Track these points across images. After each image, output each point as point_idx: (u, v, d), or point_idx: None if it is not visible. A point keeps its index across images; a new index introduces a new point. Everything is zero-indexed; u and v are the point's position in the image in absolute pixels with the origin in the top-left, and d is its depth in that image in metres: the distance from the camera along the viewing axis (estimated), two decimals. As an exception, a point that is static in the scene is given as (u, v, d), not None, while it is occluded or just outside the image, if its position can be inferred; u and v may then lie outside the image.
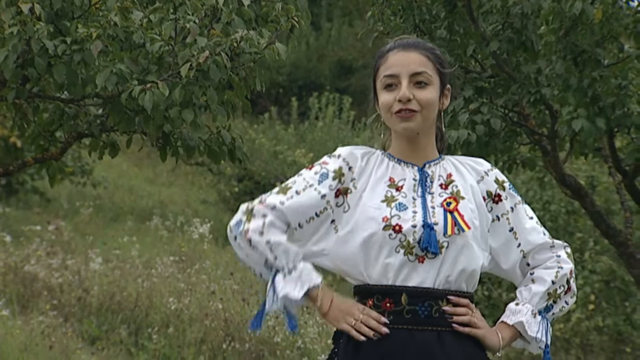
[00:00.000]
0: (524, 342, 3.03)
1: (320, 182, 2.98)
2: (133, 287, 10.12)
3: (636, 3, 6.39)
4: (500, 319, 3.02)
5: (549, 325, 3.01)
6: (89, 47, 4.60)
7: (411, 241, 2.85)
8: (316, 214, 2.98)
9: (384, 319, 2.85)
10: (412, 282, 2.86)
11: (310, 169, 3.04)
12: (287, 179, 3.16)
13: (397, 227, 2.86)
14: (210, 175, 20.29)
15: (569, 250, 3.06)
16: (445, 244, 2.86)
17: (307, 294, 2.93)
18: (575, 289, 3.02)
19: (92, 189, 16.63)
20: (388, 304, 2.87)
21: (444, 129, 3.10)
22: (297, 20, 5.12)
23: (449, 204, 2.90)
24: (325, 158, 3.06)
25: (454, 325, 2.88)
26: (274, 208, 3.00)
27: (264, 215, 3.00)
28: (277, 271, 2.98)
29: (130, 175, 20.53)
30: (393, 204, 2.90)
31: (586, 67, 6.07)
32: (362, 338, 2.84)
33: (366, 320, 2.87)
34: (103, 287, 9.99)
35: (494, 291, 12.98)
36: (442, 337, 2.86)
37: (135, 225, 15.29)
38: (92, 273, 10.45)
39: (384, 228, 2.86)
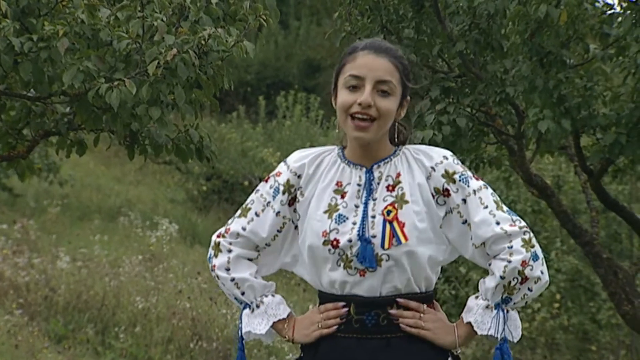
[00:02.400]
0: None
1: (274, 197, 3.06)
2: (100, 286, 10.08)
3: (602, 3, 6.44)
4: (461, 314, 3.01)
5: (507, 316, 2.92)
6: (55, 45, 4.58)
7: (349, 255, 2.89)
8: (278, 231, 3.08)
9: (340, 304, 2.92)
10: (359, 292, 2.91)
11: (267, 181, 3.11)
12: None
13: (334, 242, 2.90)
14: (178, 174, 20.24)
15: (527, 236, 2.90)
16: (384, 257, 2.87)
17: (274, 327, 3.07)
18: (537, 275, 2.86)
19: (59, 187, 16.54)
20: None
21: (405, 122, 3.08)
22: (265, 18, 5.12)
23: (389, 212, 2.89)
24: (279, 167, 3.12)
25: (401, 326, 2.90)
26: (238, 236, 3.09)
27: (229, 250, 3.09)
28: (245, 305, 3.10)
29: (97, 174, 20.44)
30: (334, 215, 2.93)
31: (552, 68, 6.11)
32: (334, 328, 2.93)
33: (327, 316, 2.94)
34: (70, 286, 9.94)
35: (461, 290, 13.04)
36: (391, 344, 2.90)
37: (102, 224, 15.22)
38: (59, 272, 10.40)
39: (324, 243, 2.92)
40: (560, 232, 12.20)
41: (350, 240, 2.88)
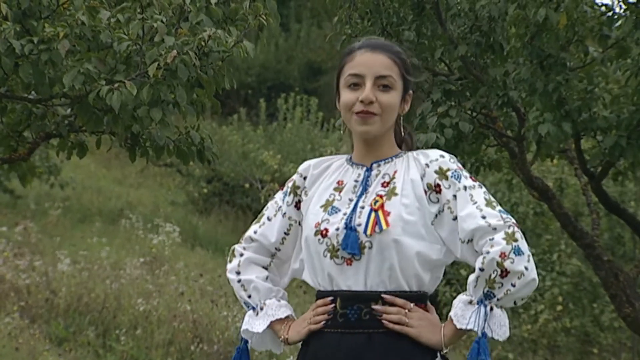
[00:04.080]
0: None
1: (283, 199, 3.15)
2: (101, 288, 10.07)
3: (601, 5, 6.44)
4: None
5: (490, 313, 2.83)
6: (56, 47, 4.58)
7: (335, 244, 2.91)
8: (285, 233, 3.14)
9: (329, 299, 2.95)
10: (344, 286, 2.92)
11: (282, 188, 3.20)
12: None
13: (324, 232, 2.94)
14: (179, 176, 20.24)
15: (510, 230, 2.82)
16: (367, 244, 2.87)
17: (272, 328, 3.10)
18: (520, 269, 2.77)
19: (60, 190, 16.55)
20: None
21: (402, 129, 3.10)
22: (265, 18, 5.12)
23: (376, 202, 2.91)
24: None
25: (384, 323, 2.88)
26: (251, 240, 3.19)
27: (241, 254, 3.19)
28: (251, 308, 3.15)
29: (98, 176, 20.44)
30: (328, 208, 2.98)
31: (552, 71, 6.10)
32: (321, 324, 2.95)
33: (316, 312, 2.98)
34: (71, 288, 9.93)
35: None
36: (372, 339, 2.89)
37: (103, 226, 15.22)
38: (60, 274, 10.40)
39: (315, 233, 2.96)
40: (563, 235, 12.20)
41: (337, 229, 2.91)
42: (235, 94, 24.59)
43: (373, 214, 2.88)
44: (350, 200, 2.97)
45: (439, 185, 2.93)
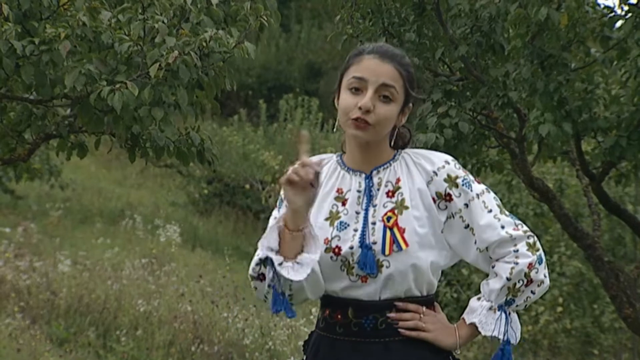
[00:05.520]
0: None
1: (279, 209, 3.06)
2: (102, 289, 10.08)
3: (602, 6, 6.43)
4: (463, 315, 3.01)
5: (510, 318, 2.96)
6: (57, 48, 4.59)
7: (351, 262, 2.89)
8: None
9: (316, 168, 2.81)
10: (358, 296, 2.91)
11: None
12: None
13: (336, 250, 2.90)
14: (179, 177, 20.25)
15: (531, 240, 2.94)
16: (385, 263, 2.87)
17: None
18: (541, 278, 2.92)
19: (60, 191, 16.56)
20: (339, 316, 2.94)
21: (401, 129, 3.06)
22: (266, 19, 5.12)
23: (389, 218, 2.89)
24: None
25: (400, 330, 2.89)
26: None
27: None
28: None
29: (98, 177, 20.46)
30: (335, 223, 2.93)
31: (553, 71, 6.10)
32: (296, 178, 2.80)
33: (294, 170, 2.84)
34: (71, 289, 9.94)
35: (463, 293, 13.04)
36: (389, 347, 2.89)
37: (104, 227, 15.24)
38: (61, 275, 10.40)
39: (326, 250, 2.91)
40: (563, 236, 12.19)
41: (351, 247, 2.88)
42: (236, 95, 24.60)
43: (388, 232, 2.87)
44: (357, 213, 2.93)
45: (449, 195, 2.93)
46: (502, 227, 2.92)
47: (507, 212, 2.97)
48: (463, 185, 2.94)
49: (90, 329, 9.21)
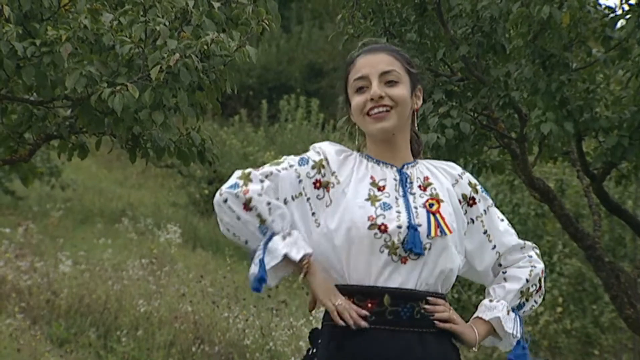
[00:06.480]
0: (495, 339, 3.06)
1: (300, 164, 2.97)
2: (102, 289, 10.08)
3: (604, 6, 6.44)
4: (475, 315, 3.03)
5: (522, 323, 3.07)
6: (58, 50, 4.59)
7: (396, 241, 2.85)
8: (292, 197, 2.95)
9: (364, 312, 2.84)
10: (394, 283, 2.87)
11: (293, 157, 3.02)
12: None
13: (382, 227, 2.86)
14: (180, 177, 20.24)
15: (537, 251, 3.12)
16: (428, 246, 2.87)
17: (301, 261, 2.87)
18: (544, 288, 3.10)
19: (61, 191, 16.56)
20: (369, 304, 2.86)
21: (417, 131, 3.11)
22: (267, 23, 5.12)
23: (431, 205, 2.92)
24: (308, 152, 3.03)
25: (435, 322, 2.89)
26: (269, 174, 2.95)
27: (262, 180, 2.93)
28: (273, 234, 2.89)
29: (99, 178, 20.45)
30: (377, 203, 2.89)
31: (554, 71, 6.11)
32: (341, 323, 2.82)
33: (349, 308, 2.85)
34: (72, 289, 9.94)
35: (464, 294, 13.03)
36: (423, 338, 2.88)
37: (105, 227, 15.23)
38: (61, 275, 10.40)
39: (370, 227, 2.85)
40: (563, 236, 12.20)
41: (399, 227, 2.86)
42: (237, 96, 24.51)
43: (432, 217, 2.89)
44: (397, 198, 2.92)
45: (473, 198, 3.04)
46: (515, 235, 3.10)
47: None
48: (482, 192, 3.07)
49: (91, 330, 9.22)
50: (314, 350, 2.97)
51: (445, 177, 3.03)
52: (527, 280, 3.03)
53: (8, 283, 10.01)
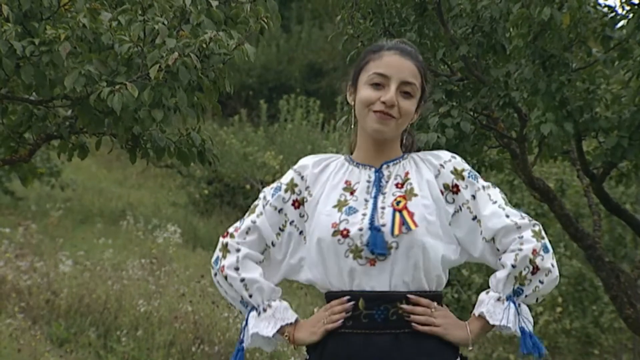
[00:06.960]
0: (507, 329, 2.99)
1: (273, 195, 3.08)
2: (102, 289, 10.08)
3: (604, 6, 6.44)
4: (472, 312, 3.00)
5: (519, 309, 2.96)
6: (57, 49, 4.58)
7: (359, 245, 2.88)
8: (280, 229, 3.07)
9: (345, 298, 2.90)
10: (367, 287, 2.89)
11: (271, 187, 3.13)
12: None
13: (344, 232, 2.90)
14: (179, 177, 20.25)
15: (537, 228, 2.96)
16: (394, 244, 2.86)
17: (280, 332, 3.02)
18: (548, 267, 2.91)
19: (61, 191, 16.57)
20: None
21: (410, 130, 3.12)
22: (266, 21, 5.12)
23: (398, 202, 2.91)
24: (287, 173, 3.16)
25: (413, 324, 2.88)
26: (248, 231, 3.08)
27: (238, 250, 3.06)
28: (252, 308, 3.05)
29: (99, 178, 20.46)
30: (344, 208, 2.94)
31: (554, 71, 6.11)
32: (339, 323, 2.90)
33: (332, 311, 2.92)
34: (72, 289, 9.94)
35: (464, 293, 13.04)
36: (400, 339, 2.88)
37: (104, 227, 15.24)
38: (61, 275, 10.41)
39: (333, 234, 2.90)
40: (563, 236, 12.19)
41: (360, 229, 2.87)
42: (236, 95, 24.58)
43: (397, 214, 2.88)
44: (366, 200, 2.94)
45: (456, 186, 2.98)
46: (507, 216, 2.95)
47: (512, 206, 3.01)
48: (469, 177, 3.00)
49: (91, 329, 9.22)
50: (308, 358, 3.09)
51: (428, 168, 3.01)
52: (514, 266, 2.89)
53: (8, 283, 10.01)
